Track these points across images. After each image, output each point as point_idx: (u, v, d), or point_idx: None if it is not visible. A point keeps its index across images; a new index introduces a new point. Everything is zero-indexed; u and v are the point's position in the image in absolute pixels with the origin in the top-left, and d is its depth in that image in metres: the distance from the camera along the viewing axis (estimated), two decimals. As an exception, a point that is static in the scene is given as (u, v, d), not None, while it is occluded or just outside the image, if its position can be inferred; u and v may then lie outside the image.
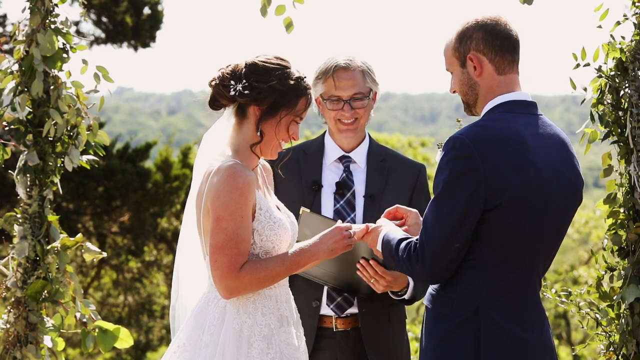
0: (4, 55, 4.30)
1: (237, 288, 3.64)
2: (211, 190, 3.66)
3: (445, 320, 3.49)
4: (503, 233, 3.44)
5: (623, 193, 4.15)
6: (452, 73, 3.66)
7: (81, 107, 4.32)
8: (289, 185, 4.43)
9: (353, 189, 4.44)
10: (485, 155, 3.40)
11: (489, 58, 3.56)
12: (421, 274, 3.48)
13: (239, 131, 3.79)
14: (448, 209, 3.40)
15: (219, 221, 3.63)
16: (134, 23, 15.66)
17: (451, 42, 3.62)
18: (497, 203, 3.40)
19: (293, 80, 3.74)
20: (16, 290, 4.28)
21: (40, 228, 4.28)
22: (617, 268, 4.15)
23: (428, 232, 3.44)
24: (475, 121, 3.55)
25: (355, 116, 4.41)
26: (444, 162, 3.45)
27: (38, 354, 4.26)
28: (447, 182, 3.42)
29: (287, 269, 3.70)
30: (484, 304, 3.46)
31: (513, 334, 3.47)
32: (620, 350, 4.09)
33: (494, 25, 3.57)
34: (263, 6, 4.69)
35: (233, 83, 3.73)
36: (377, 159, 4.51)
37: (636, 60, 4.12)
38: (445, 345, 3.48)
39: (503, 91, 3.57)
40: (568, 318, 23.04)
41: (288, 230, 3.78)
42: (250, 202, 3.66)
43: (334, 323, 4.39)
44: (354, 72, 4.38)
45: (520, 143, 3.47)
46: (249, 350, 3.68)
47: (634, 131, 4.09)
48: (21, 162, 4.27)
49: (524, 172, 3.44)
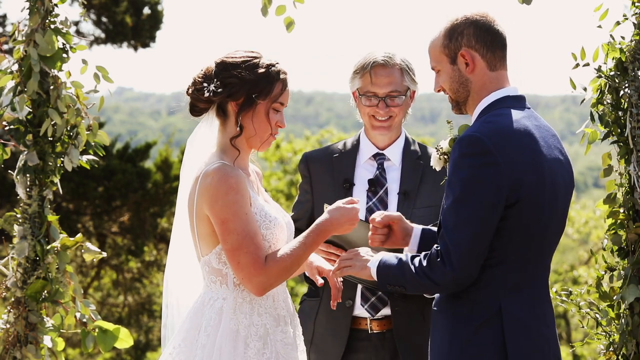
0: (4, 55, 4.30)
1: (268, 281, 3.62)
2: (204, 194, 3.64)
3: (466, 322, 3.44)
4: (520, 228, 3.42)
5: (623, 193, 4.15)
6: (439, 71, 3.61)
7: (81, 107, 4.32)
8: (323, 184, 4.43)
9: (386, 186, 4.42)
10: (502, 149, 3.38)
11: (481, 54, 3.55)
12: (448, 279, 3.38)
13: (224, 132, 3.78)
14: (473, 208, 3.35)
15: (226, 223, 3.61)
16: (134, 23, 15.64)
17: (438, 39, 3.58)
18: (517, 198, 3.39)
19: (263, 68, 3.73)
20: (16, 290, 4.28)
21: (40, 228, 4.28)
22: (617, 268, 4.15)
23: (454, 234, 3.36)
24: (482, 119, 3.51)
25: (390, 114, 4.38)
26: (460, 161, 3.39)
27: (38, 354, 4.26)
28: (467, 181, 3.36)
29: (307, 250, 3.67)
30: (506, 301, 3.44)
31: (534, 329, 3.47)
32: (620, 350, 4.09)
33: (484, 21, 3.55)
34: (264, 6, 4.69)
35: (206, 85, 3.73)
36: (413, 156, 4.47)
37: (636, 60, 4.12)
38: (470, 348, 3.43)
39: (495, 87, 3.56)
40: (568, 318, 23.05)
41: (284, 229, 3.77)
42: (248, 199, 3.65)
43: (369, 325, 4.36)
44: (392, 70, 4.36)
45: (529, 137, 3.47)
46: (246, 350, 3.68)
47: (633, 131, 4.09)
48: (21, 162, 4.27)
49: (537, 166, 3.44)
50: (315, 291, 4.46)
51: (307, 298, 4.52)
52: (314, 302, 4.46)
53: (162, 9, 16.01)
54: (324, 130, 26.47)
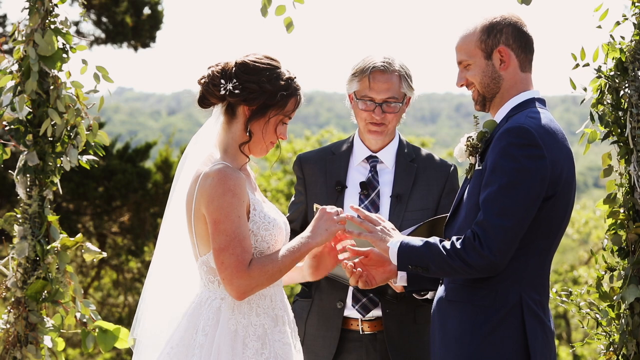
0: (4, 55, 4.30)
1: (249, 285, 3.62)
2: (203, 195, 3.65)
3: (488, 312, 3.51)
4: (547, 221, 3.53)
5: (623, 193, 4.15)
6: (468, 65, 3.67)
7: (81, 107, 4.32)
8: (316, 186, 4.44)
9: (378, 188, 4.42)
10: (547, 144, 3.50)
11: (516, 54, 3.65)
12: (485, 263, 3.44)
13: (228, 130, 3.77)
14: (520, 196, 3.43)
15: (217, 224, 3.62)
16: (134, 23, 15.64)
17: (474, 34, 3.65)
18: (554, 191, 3.50)
19: (284, 80, 3.72)
20: (16, 290, 4.28)
21: (40, 228, 4.28)
22: (617, 268, 4.15)
23: (498, 220, 3.43)
24: (521, 114, 3.57)
25: (385, 120, 4.38)
26: (509, 150, 3.47)
27: (38, 354, 4.26)
28: (516, 170, 3.45)
29: (293, 259, 3.68)
30: (525, 293, 3.52)
31: (544, 322, 3.57)
32: (620, 350, 4.09)
33: (520, 24, 3.67)
34: (263, 6, 4.69)
35: (223, 82, 3.71)
36: (406, 159, 4.48)
37: (636, 61, 4.12)
38: (494, 338, 3.50)
39: (524, 88, 3.67)
40: (568, 318, 23.04)
41: (282, 230, 3.78)
42: (244, 202, 3.65)
43: (360, 326, 4.37)
44: (391, 76, 4.36)
45: (562, 136, 3.59)
46: (244, 350, 3.68)
47: (633, 131, 4.09)
48: (21, 162, 4.27)
49: (569, 164, 3.56)
50: (308, 292, 4.47)
51: (299, 298, 4.52)
52: (305, 302, 4.46)
53: (162, 9, 16.00)
54: (324, 130, 26.46)
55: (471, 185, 3.64)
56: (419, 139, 27.91)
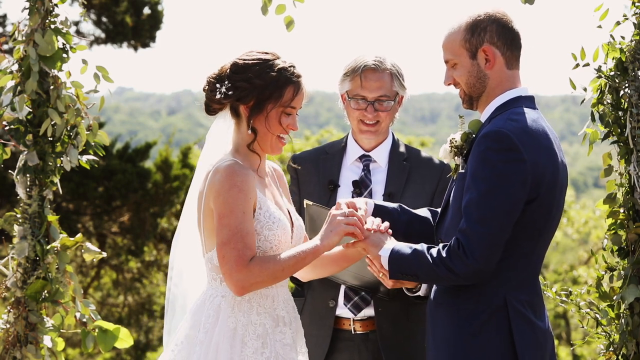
0: (4, 55, 4.30)
1: (248, 281, 3.62)
2: (211, 189, 3.68)
3: (472, 314, 3.51)
4: (531, 224, 3.50)
5: (623, 193, 4.15)
6: (455, 64, 3.64)
7: (81, 107, 4.32)
8: (309, 185, 4.45)
9: (370, 187, 4.43)
10: (527, 147, 3.45)
11: (502, 52, 3.60)
12: (470, 271, 3.44)
13: (238, 131, 3.82)
14: (500, 202, 3.41)
15: (222, 218, 3.64)
16: (134, 23, 15.64)
17: (458, 32, 3.61)
18: (536, 195, 3.47)
19: (275, 72, 3.72)
20: (16, 290, 4.28)
21: (40, 228, 4.28)
22: (617, 268, 4.15)
23: (479, 227, 3.41)
24: (501, 116, 3.55)
25: (377, 118, 4.40)
26: (487, 155, 3.44)
27: (38, 354, 4.26)
28: (495, 175, 3.42)
29: (297, 260, 3.68)
30: (510, 295, 3.51)
31: (533, 322, 3.55)
32: (620, 350, 4.09)
33: (505, 20, 3.61)
34: (264, 5, 4.69)
35: (218, 86, 3.75)
36: (399, 158, 4.49)
37: (636, 60, 4.12)
38: (479, 339, 3.50)
39: (510, 86, 3.62)
40: (568, 318, 23.03)
41: (287, 232, 3.78)
42: (251, 199, 3.66)
43: (352, 326, 4.37)
44: (382, 74, 4.37)
45: (546, 138, 3.54)
46: (243, 349, 3.69)
47: (634, 131, 4.09)
48: (21, 162, 4.27)
49: (553, 166, 3.52)
50: (300, 291, 4.49)
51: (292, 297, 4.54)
52: (298, 301, 4.47)
53: (162, 9, 16.01)
54: (324, 130, 26.45)
55: (456, 187, 3.63)
56: (418, 138, 27.93)
